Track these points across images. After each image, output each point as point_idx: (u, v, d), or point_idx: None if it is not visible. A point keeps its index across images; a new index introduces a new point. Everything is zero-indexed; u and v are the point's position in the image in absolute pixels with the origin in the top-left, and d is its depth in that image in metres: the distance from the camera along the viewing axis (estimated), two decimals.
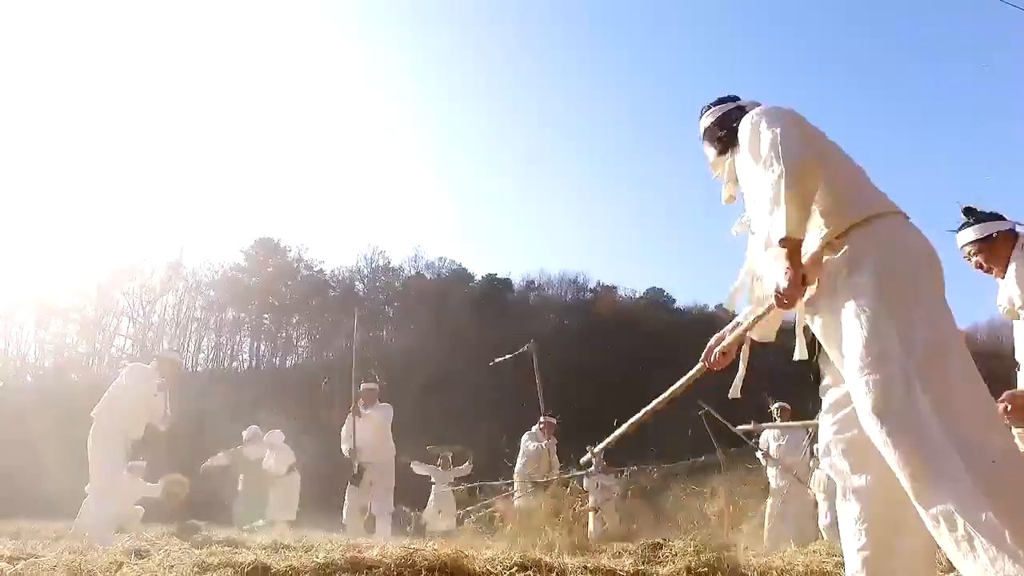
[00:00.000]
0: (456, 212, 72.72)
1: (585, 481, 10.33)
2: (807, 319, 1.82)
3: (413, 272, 46.05)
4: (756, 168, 1.83)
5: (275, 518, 8.29)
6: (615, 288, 47.82)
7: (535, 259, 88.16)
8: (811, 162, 1.69)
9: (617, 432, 2.62)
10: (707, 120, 2.20)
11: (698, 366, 2.18)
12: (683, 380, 2.26)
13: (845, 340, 1.60)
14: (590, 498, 10.11)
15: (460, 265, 47.11)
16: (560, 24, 73.88)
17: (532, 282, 47.39)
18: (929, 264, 1.63)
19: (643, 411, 2.41)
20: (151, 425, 5.34)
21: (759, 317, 1.98)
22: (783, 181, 1.66)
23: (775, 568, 2.54)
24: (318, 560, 2.26)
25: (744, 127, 1.91)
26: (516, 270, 62.05)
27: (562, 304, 46.83)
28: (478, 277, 46.88)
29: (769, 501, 7.41)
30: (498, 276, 47.07)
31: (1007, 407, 2.59)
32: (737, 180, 2.10)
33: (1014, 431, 3.04)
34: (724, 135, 2.11)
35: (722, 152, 2.13)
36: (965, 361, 1.48)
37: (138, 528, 5.61)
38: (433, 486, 9.39)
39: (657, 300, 47.44)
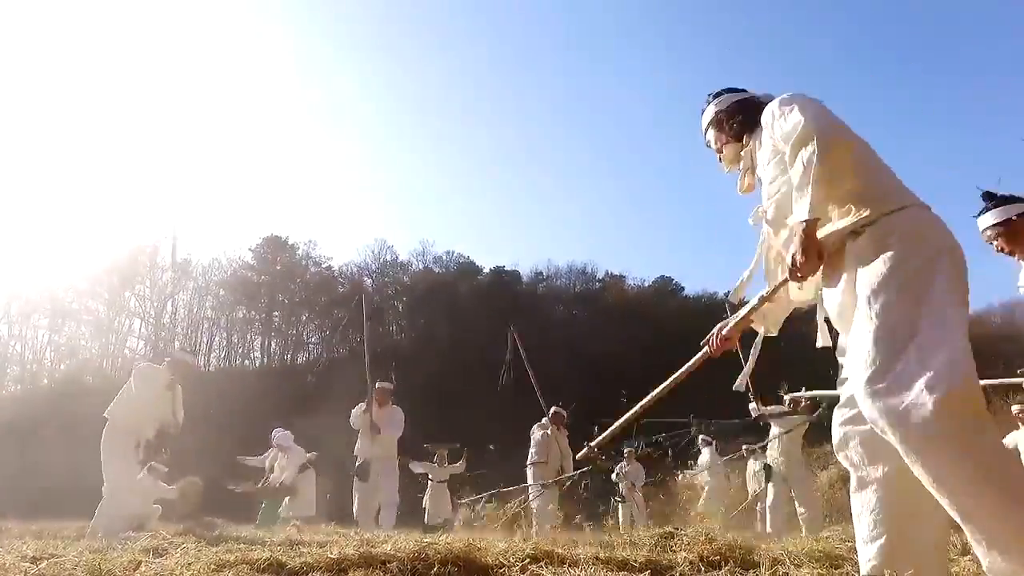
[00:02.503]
0: (462, 205, 72.70)
1: (614, 474, 10.47)
2: (823, 303, 1.83)
3: (421, 266, 46.17)
4: (782, 152, 1.81)
5: (293, 516, 8.38)
6: (623, 277, 47.75)
7: (543, 250, 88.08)
8: (843, 140, 1.70)
9: (615, 425, 2.65)
10: (721, 106, 2.15)
11: (700, 353, 2.19)
12: (684, 368, 2.27)
13: (853, 332, 1.60)
14: (620, 488, 10.26)
15: (468, 258, 47.19)
16: (565, 14, 73.39)
17: (540, 273, 47.39)
18: (950, 259, 1.59)
19: (640, 404, 2.44)
20: (165, 426, 5.38)
21: (767, 296, 1.98)
22: (815, 157, 1.65)
23: (789, 554, 2.53)
24: (332, 556, 2.28)
25: (770, 112, 1.87)
26: (524, 262, 62.04)
27: (571, 295, 46.78)
28: (486, 270, 46.95)
29: (770, 486, 7.48)
30: (506, 268, 47.13)
31: None
32: (754, 169, 2.06)
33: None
34: (740, 120, 2.08)
35: (738, 139, 2.10)
36: (968, 358, 1.46)
37: (156, 527, 5.67)
38: (429, 482, 9.70)
39: (666, 288, 47.29)
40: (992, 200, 3.03)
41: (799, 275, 1.73)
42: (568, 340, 37.68)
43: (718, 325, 2.17)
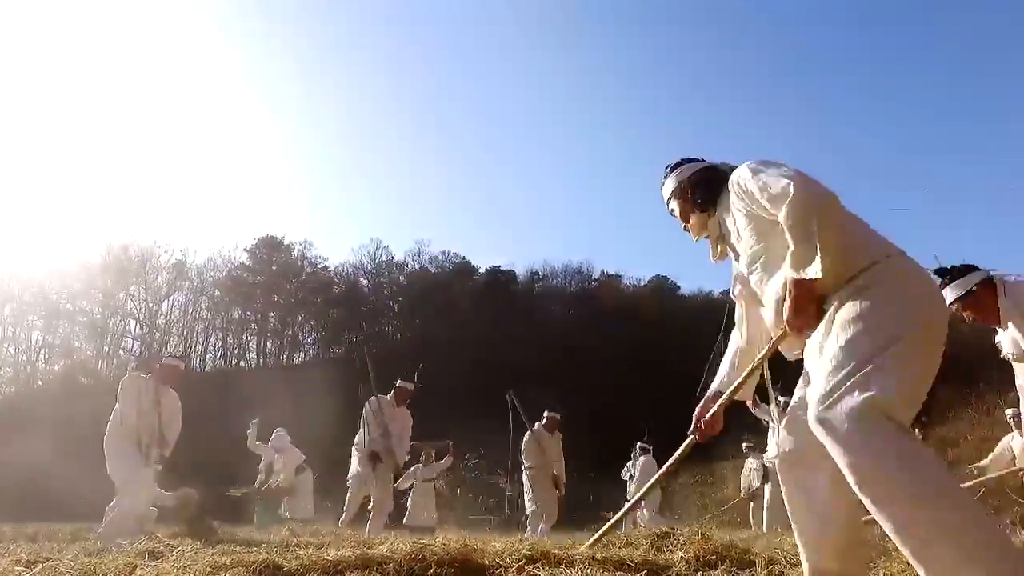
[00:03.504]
0: (458, 205, 72.68)
1: (623, 473, 10.43)
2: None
3: (417, 266, 46.12)
4: (761, 216, 1.86)
5: (291, 517, 8.39)
6: (619, 277, 47.80)
7: (538, 250, 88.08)
8: (836, 200, 1.74)
9: (610, 523, 2.90)
10: (682, 176, 2.17)
11: (687, 441, 2.29)
12: (674, 458, 2.45)
13: (826, 347, 1.67)
14: (630, 489, 10.19)
15: (463, 258, 47.16)
16: (563, 13, 73.45)
17: (536, 273, 47.38)
18: (927, 311, 1.66)
19: (632, 501, 2.66)
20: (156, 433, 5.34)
21: (756, 365, 2.05)
22: (815, 223, 1.68)
23: (784, 554, 2.54)
24: (328, 557, 2.28)
25: (741, 178, 1.89)
26: (520, 262, 62.07)
27: (566, 294, 46.80)
28: (482, 270, 46.95)
29: (767, 487, 7.47)
30: (502, 268, 47.12)
31: None
32: (724, 237, 2.08)
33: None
34: (704, 189, 2.09)
35: (703, 208, 2.10)
36: (916, 399, 1.56)
37: (153, 528, 5.68)
38: (414, 482, 9.45)
39: (662, 287, 47.36)
40: (947, 274, 3.09)
41: (797, 328, 1.77)
42: (564, 340, 37.72)
43: (698, 409, 2.21)
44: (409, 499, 9.35)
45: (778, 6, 72.11)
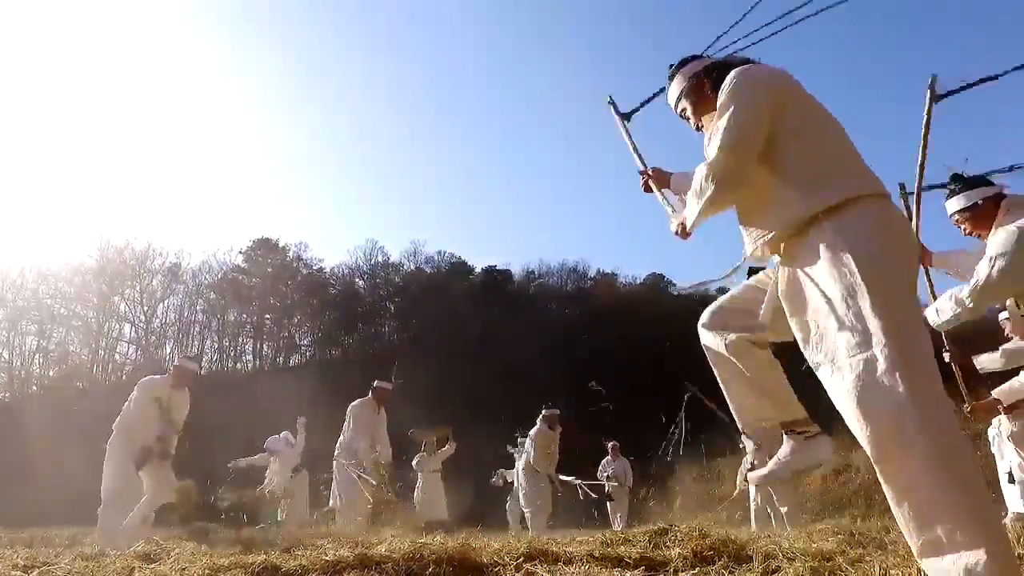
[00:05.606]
0: (453, 205, 72.64)
1: (599, 472, 10.37)
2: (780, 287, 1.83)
3: (412, 267, 46.07)
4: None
5: (285, 519, 8.40)
6: (615, 275, 47.87)
7: (534, 249, 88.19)
8: (737, 183, 1.80)
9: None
10: (691, 71, 2.09)
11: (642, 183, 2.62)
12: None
13: (826, 320, 1.65)
14: (606, 488, 10.11)
15: (459, 258, 47.14)
16: (556, 14, 73.45)
17: (532, 272, 47.39)
18: (906, 248, 1.71)
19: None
20: (163, 432, 5.33)
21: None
22: (710, 189, 1.81)
23: (781, 549, 2.55)
24: (327, 558, 2.28)
25: (722, 90, 1.84)
26: (515, 261, 62.12)
27: (563, 293, 46.82)
28: (478, 269, 46.94)
29: (752, 488, 7.49)
30: (498, 267, 47.12)
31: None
32: None
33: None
34: (717, 80, 1.96)
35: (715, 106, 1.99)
36: (928, 345, 1.56)
37: (150, 531, 5.66)
38: (420, 473, 8.96)
39: (658, 285, 47.43)
40: (960, 183, 3.02)
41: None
42: (561, 339, 37.74)
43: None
44: (416, 492, 9.00)
45: (775, 4, 72.17)
